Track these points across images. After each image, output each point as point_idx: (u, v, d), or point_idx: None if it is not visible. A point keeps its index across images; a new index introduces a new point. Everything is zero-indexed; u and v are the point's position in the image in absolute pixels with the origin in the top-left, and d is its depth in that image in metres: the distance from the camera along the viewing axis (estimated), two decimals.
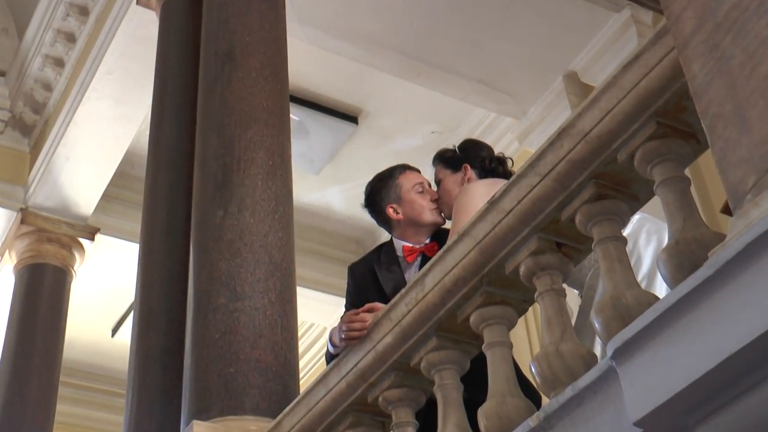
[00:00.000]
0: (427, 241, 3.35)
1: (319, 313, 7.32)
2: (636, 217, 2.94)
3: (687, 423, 1.64)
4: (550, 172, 2.17)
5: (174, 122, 4.32)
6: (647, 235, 2.97)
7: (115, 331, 8.00)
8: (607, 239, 2.09)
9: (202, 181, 3.67)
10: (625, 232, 2.85)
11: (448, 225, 3.34)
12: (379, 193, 3.43)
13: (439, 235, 3.33)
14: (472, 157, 3.40)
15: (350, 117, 6.59)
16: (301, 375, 4.04)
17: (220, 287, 3.31)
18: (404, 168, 3.51)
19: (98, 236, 6.64)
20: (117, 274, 7.20)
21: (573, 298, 3.21)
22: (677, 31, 1.75)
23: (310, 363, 7.79)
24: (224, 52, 3.93)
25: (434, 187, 3.47)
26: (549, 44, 5.66)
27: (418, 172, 3.54)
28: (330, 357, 3.01)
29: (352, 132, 6.63)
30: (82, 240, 6.53)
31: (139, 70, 5.67)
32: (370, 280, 3.28)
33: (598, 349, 2.74)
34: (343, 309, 3.32)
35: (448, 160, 3.44)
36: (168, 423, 3.48)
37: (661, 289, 2.74)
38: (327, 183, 7.07)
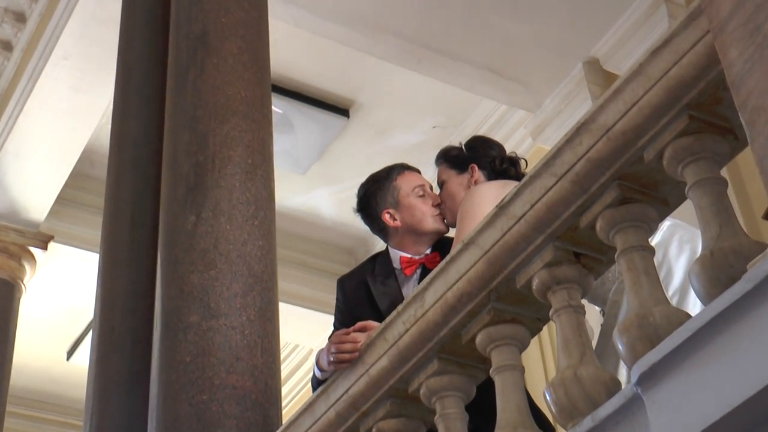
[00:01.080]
0: (428, 251, 3.36)
1: (304, 332, 7.31)
2: (666, 224, 2.95)
3: None
4: (567, 173, 2.18)
5: (140, 115, 4.32)
6: (679, 244, 2.98)
7: (70, 353, 7.98)
8: (633, 249, 2.10)
9: (172, 182, 3.67)
10: (654, 241, 2.87)
11: (452, 233, 3.34)
12: (374, 196, 3.44)
13: (442, 245, 3.34)
14: (480, 157, 3.41)
15: (341, 109, 6.60)
16: (284, 403, 4.04)
17: (192, 303, 3.31)
18: (402, 168, 3.52)
19: (52, 245, 6.63)
20: (74, 289, 7.19)
21: (594, 315, 3.22)
22: (713, 11, 1.76)
23: (295, 389, 7.79)
24: (197, 36, 3.93)
25: (437, 190, 3.48)
26: (567, 26, 5.67)
27: (419, 172, 3.55)
28: (317, 383, 3.01)
29: (342, 126, 6.64)
30: (33, 249, 6.52)
31: (99, 54, 5.67)
32: (362, 295, 3.29)
33: (622, 375, 2.75)
34: (332, 328, 3.33)
35: (452, 159, 3.44)
36: None
37: (694, 305, 2.75)
38: (314, 184, 7.08)
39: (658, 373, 1.73)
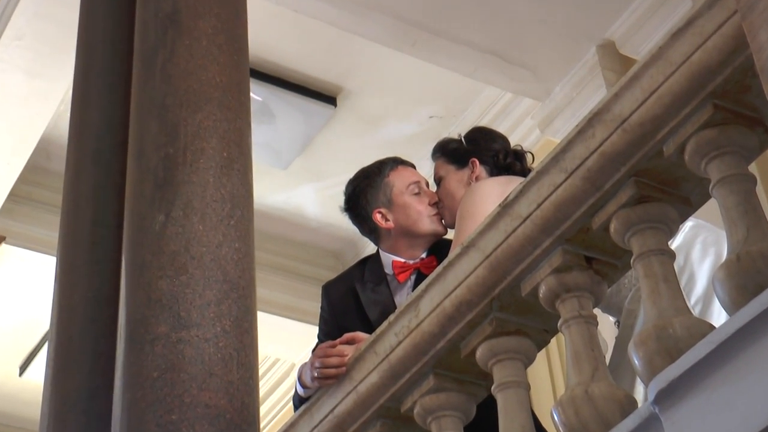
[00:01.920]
0: (424, 255, 3.37)
1: (285, 345, 7.32)
2: (688, 225, 2.97)
3: None
4: (578, 168, 2.19)
5: (102, 102, 4.31)
6: (702, 247, 2.99)
7: (23, 368, 7.97)
8: (651, 253, 2.11)
9: (138, 177, 3.67)
10: (674, 245, 2.88)
11: (450, 235, 3.35)
12: (364, 194, 3.45)
13: (439, 248, 3.35)
14: (481, 150, 3.42)
15: (327, 97, 6.60)
16: (262, 424, 4.04)
17: (160, 312, 3.30)
18: (396, 162, 3.53)
19: (3, 247, 6.61)
20: (27, 296, 7.17)
21: (607, 327, 3.23)
22: None
23: (275, 408, 7.79)
24: (167, 14, 3.93)
25: (433, 187, 3.49)
26: (579, 6, 5.68)
27: (414, 167, 3.56)
28: (299, 401, 3.02)
29: (329, 116, 6.64)
30: None
31: (57, 35, 5.66)
32: (350, 304, 3.30)
33: (638, 392, 2.77)
34: (316, 340, 3.33)
35: (451, 153, 3.46)
36: None
37: (719, 315, 2.76)
38: (297, 180, 7.08)
39: (678, 391, 1.74)
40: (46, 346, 4.31)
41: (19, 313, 7.40)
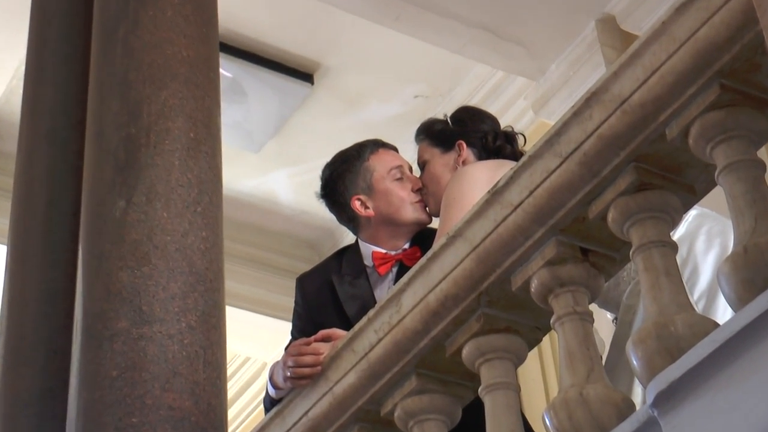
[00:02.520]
0: (407, 245, 3.37)
1: (256, 342, 7.32)
2: (692, 214, 2.98)
3: None
4: (574, 153, 2.19)
5: (58, 78, 4.30)
6: (707, 237, 3.01)
7: None
8: (651, 244, 2.11)
9: (97, 159, 3.66)
10: (677, 235, 2.89)
11: (435, 224, 3.36)
12: (342, 179, 3.45)
13: (423, 238, 3.36)
14: (469, 132, 3.43)
15: (303, 74, 6.59)
16: (231, 428, 4.03)
17: (121, 306, 3.30)
18: (377, 145, 3.53)
19: None
20: None
21: (604, 324, 3.24)
22: None
23: (244, 411, 7.79)
24: None
25: (417, 172, 3.49)
26: None
27: (396, 151, 3.56)
28: (270, 403, 3.02)
29: (305, 95, 6.63)
30: None
31: (8, 4, 5.63)
32: (326, 298, 3.30)
33: (637, 394, 2.78)
34: (290, 337, 3.34)
35: (436, 135, 3.46)
36: None
37: (724, 312, 2.78)
38: (271, 164, 7.07)
39: (679, 393, 1.74)
40: None
41: None
